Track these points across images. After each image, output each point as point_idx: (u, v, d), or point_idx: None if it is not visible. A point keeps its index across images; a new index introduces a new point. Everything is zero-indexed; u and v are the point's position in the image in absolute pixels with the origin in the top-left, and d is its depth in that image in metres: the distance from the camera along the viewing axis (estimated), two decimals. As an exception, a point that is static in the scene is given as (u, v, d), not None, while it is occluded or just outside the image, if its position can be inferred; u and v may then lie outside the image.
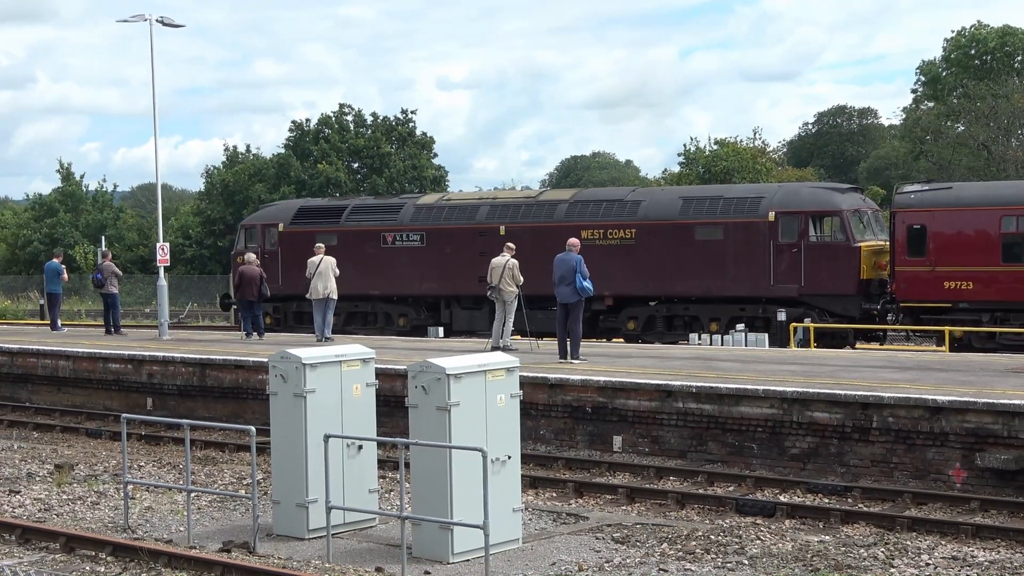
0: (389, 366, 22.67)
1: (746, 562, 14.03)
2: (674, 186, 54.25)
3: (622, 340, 35.20)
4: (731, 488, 18.72)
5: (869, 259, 33.55)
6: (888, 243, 33.65)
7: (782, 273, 33.66)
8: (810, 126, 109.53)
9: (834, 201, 34.42)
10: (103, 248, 41.95)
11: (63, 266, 38.04)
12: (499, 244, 35.65)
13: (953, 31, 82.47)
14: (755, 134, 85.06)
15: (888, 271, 33.35)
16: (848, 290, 33.26)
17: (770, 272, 33.96)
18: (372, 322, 40.40)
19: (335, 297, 31.04)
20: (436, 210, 39.99)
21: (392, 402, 21.55)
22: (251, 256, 33.40)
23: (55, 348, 30.64)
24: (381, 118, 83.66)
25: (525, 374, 18.89)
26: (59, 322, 37.62)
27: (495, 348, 26.37)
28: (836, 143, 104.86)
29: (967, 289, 31.70)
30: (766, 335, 32.22)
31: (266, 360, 16.45)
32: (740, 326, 33.13)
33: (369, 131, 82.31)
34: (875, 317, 33.43)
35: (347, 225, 41.02)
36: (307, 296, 31.28)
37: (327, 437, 14.24)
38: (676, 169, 76.42)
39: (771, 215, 34.25)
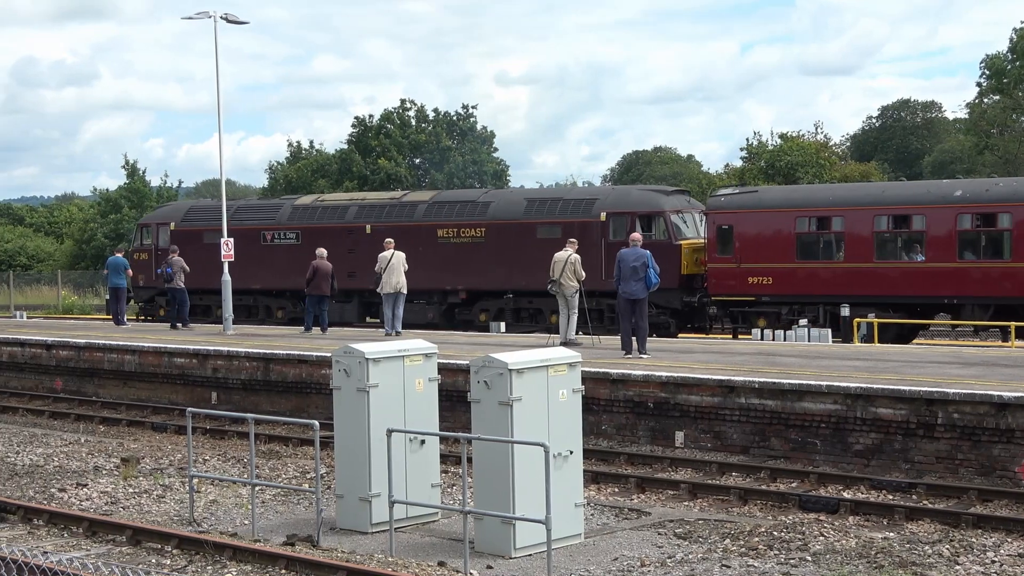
0: (451, 361, 22.74)
1: (809, 559, 13.98)
2: (522, 188, 57.71)
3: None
4: (794, 484, 18.63)
5: (690, 256, 36.19)
6: None
7: (613, 268, 35.04)
8: (874, 120, 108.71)
9: (658, 202, 37.25)
10: (172, 244, 42.26)
11: (127, 260, 38.33)
12: (366, 241, 38.62)
13: (1021, 22, 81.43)
14: (816, 128, 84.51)
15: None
16: (670, 284, 34.74)
17: (602, 268, 35.74)
18: (255, 314, 43.04)
19: (404, 292, 31.24)
20: (310, 210, 43.10)
21: (454, 397, 21.62)
22: (322, 251, 33.58)
23: (121, 343, 30.93)
24: (442, 113, 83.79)
25: (587, 369, 18.90)
26: (124, 317, 37.96)
27: (564, 343, 26.29)
28: (900, 137, 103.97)
29: (768, 284, 34.60)
30: (829, 331, 32.06)
31: (329, 355, 16.59)
32: (803, 321, 32.98)
33: (430, 126, 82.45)
34: (695, 309, 36.36)
35: (232, 224, 43.04)
36: (377, 290, 31.42)
37: (390, 431, 14.30)
38: (739, 164, 76.02)
39: (603, 215, 37.18)
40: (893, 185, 39.08)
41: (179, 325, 36.15)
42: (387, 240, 32.41)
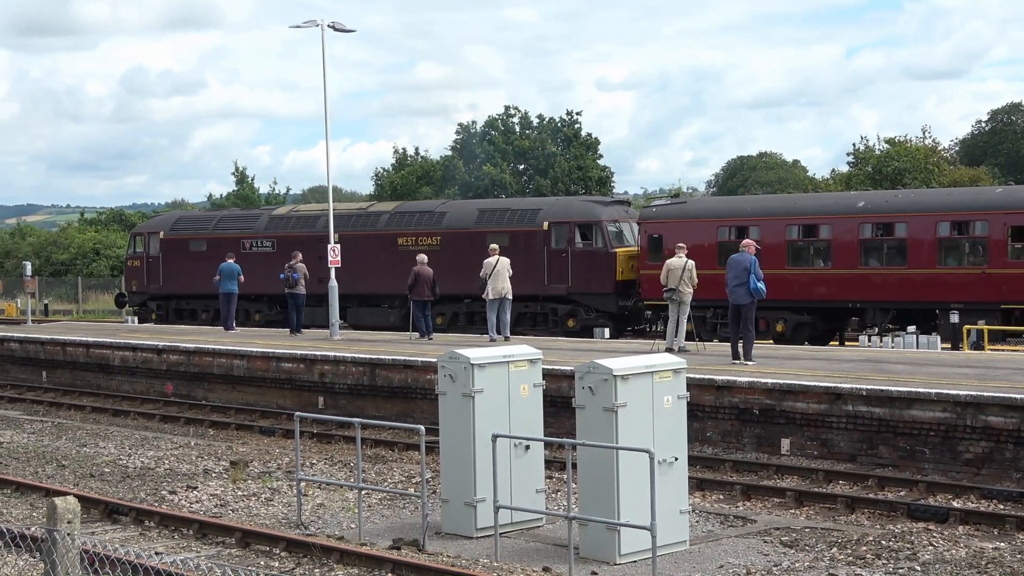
0: (556, 367, 22.77)
1: (918, 568, 13.81)
2: (476, 199, 60.30)
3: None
4: (902, 493, 18.42)
5: (625, 263, 38.87)
6: None
7: (554, 275, 38.60)
8: (983, 124, 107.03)
9: (596, 212, 39.83)
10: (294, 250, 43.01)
11: (239, 266, 38.79)
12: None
13: None
14: (924, 133, 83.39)
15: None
16: (606, 289, 38.33)
17: (544, 274, 39.05)
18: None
19: (510, 297, 31.44)
20: (285, 220, 46.20)
21: (558, 402, 21.65)
22: (423, 257, 33.92)
23: (230, 347, 31.35)
24: (547, 119, 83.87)
25: (692, 376, 18.82)
26: (232, 322, 38.44)
27: (669, 350, 26.15)
28: (1011, 141, 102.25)
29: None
30: (938, 337, 31.67)
31: (435, 360, 16.67)
32: (911, 328, 32.61)
33: (534, 132, 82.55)
34: (628, 313, 39.06)
35: (215, 233, 47.40)
36: (483, 296, 31.61)
37: (495, 437, 14.37)
38: (845, 169, 75.26)
39: (545, 225, 39.74)
40: (803, 197, 42.95)
41: (296, 330, 36.40)
42: (492, 246, 32.66)
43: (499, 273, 31.07)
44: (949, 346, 31.30)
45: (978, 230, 33.74)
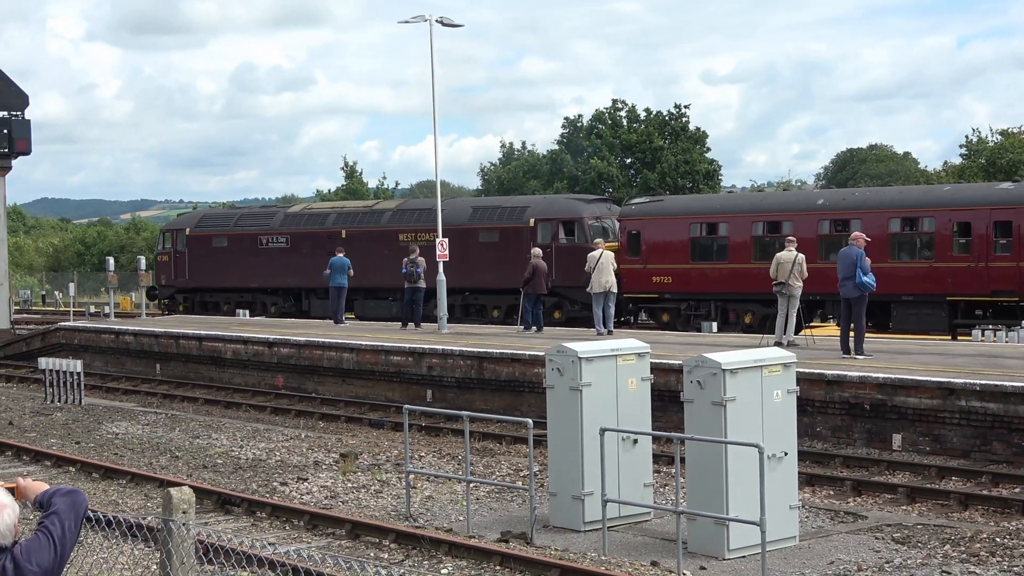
0: (663, 360, 22.68)
1: (1034, 566, 13.58)
2: (471, 197, 63.41)
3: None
4: (1017, 490, 18.12)
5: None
6: None
7: None
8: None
9: (578, 209, 42.13)
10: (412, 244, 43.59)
11: (348, 260, 39.11)
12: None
13: None
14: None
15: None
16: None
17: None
18: (253, 309, 48.52)
19: (615, 291, 31.44)
20: (298, 217, 49.17)
21: (666, 396, 21.57)
22: (538, 251, 33.99)
23: (339, 341, 31.60)
24: (654, 113, 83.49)
25: (801, 370, 18.65)
26: (342, 315, 38.76)
27: (778, 344, 25.92)
28: None
29: (668, 283, 39.39)
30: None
31: (542, 354, 16.73)
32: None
33: (642, 126, 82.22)
34: (617, 306, 39.12)
35: (235, 230, 50.15)
36: (587, 290, 31.60)
37: (603, 430, 14.36)
38: (957, 161, 74.11)
39: (532, 221, 41.90)
40: (770, 195, 45.76)
41: (414, 324, 36.57)
42: (596, 240, 32.73)
43: (603, 266, 31.03)
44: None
45: (926, 226, 35.62)
